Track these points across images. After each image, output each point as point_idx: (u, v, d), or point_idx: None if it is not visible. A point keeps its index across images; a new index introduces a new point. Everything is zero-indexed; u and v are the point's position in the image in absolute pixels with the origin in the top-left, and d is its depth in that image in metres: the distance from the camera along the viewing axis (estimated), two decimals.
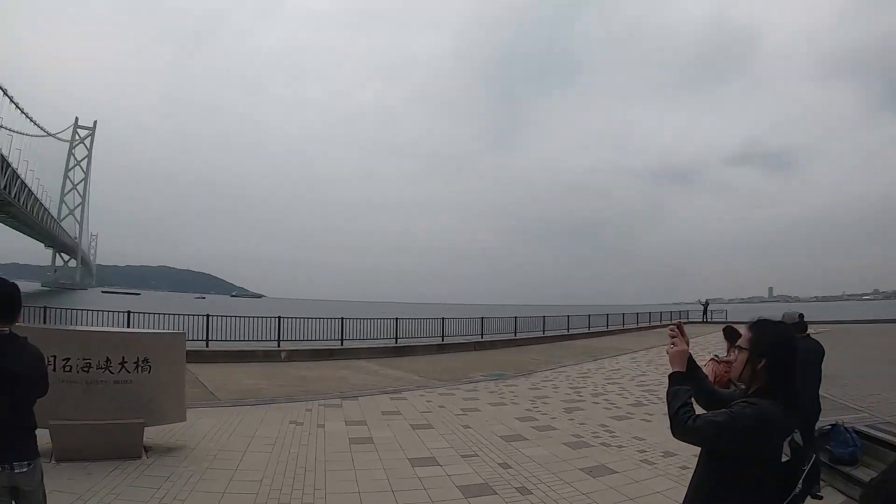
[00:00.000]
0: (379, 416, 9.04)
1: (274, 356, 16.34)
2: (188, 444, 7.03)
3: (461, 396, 10.96)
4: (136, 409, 6.53)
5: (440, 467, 6.48)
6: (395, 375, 14.21)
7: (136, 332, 6.80)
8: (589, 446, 7.52)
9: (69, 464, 5.99)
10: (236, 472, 6.07)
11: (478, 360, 18.34)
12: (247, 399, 10.27)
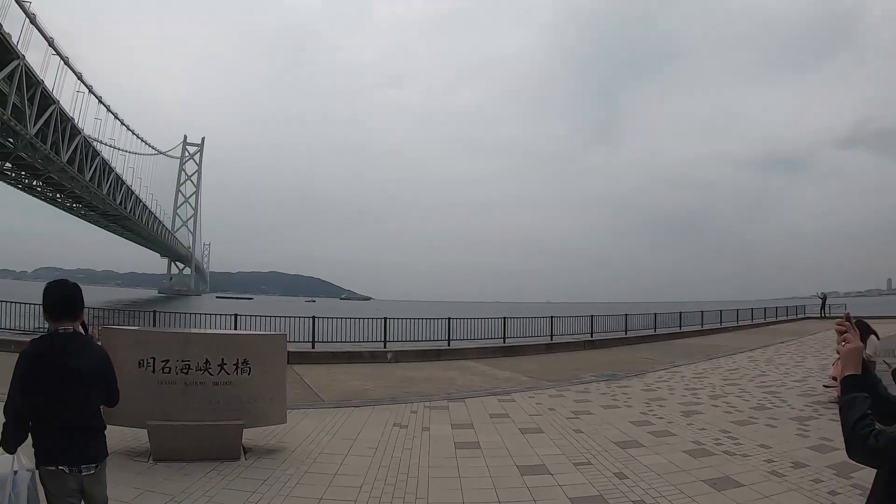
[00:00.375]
0: (486, 419, 8.72)
1: (380, 357, 16.48)
2: (288, 447, 7.03)
3: (572, 398, 10.50)
4: (236, 410, 6.60)
5: (551, 476, 6.05)
6: (504, 376, 13.91)
7: (236, 334, 6.88)
8: (711, 454, 6.85)
9: (166, 464, 6.11)
10: (335, 476, 5.96)
11: (587, 359, 17.84)
12: (351, 400, 10.29)
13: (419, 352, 17.29)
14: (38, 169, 53.46)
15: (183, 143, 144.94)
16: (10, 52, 40.30)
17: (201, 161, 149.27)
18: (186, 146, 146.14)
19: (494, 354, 18.11)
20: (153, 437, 6.34)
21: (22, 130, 43.87)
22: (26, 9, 42.87)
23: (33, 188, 61.05)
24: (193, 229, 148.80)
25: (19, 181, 58.27)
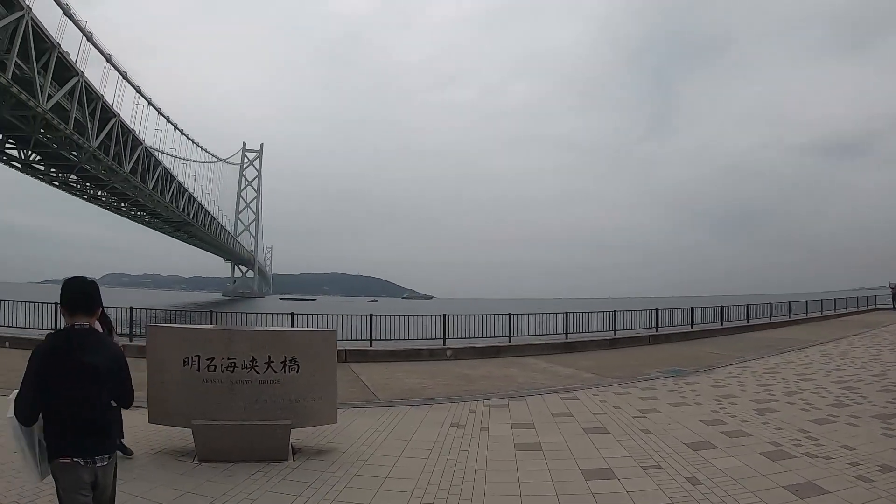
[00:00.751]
0: (548, 419, 8.35)
1: (439, 354, 16.25)
2: (339, 447, 6.83)
3: (637, 396, 10.05)
4: (283, 409, 6.43)
5: (617, 481, 5.60)
6: (566, 373, 13.54)
7: (284, 331, 6.73)
8: (790, 457, 6.26)
9: (211, 465, 6.01)
10: (386, 480, 5.69)
11: (652, 354, 17.37)
12: (407, 399, 10.12)
13: (478, 349, 17.06)
14: (102, 180, 55.84)
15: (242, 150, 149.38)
16: (69, 69, 42.12)
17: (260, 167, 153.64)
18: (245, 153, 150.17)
19: (556, 351, 17.75)
20: (198, 437, 6.26)
21: (85, 143, 45.80)
22: (82, 28, 44.75)
23: (98, 198, 63.78)
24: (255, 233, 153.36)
25: (85, 192, 61.07)
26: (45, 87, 38.57)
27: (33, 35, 35.92)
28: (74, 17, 42.94)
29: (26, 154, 48.24)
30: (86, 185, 59.01)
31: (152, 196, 63.45)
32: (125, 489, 5.19)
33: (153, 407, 6.48)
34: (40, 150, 47.67)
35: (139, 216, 74.95)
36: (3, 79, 33.94)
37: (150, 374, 6.51)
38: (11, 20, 33.93)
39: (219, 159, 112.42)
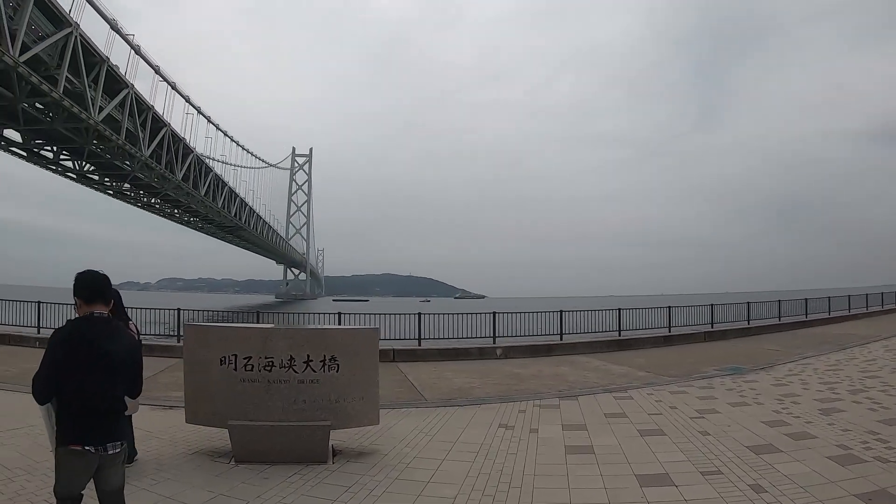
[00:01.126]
0: (601, 419, 8.02)
1: (489, 353, 16.07)
2: (381, 449, 6.68)
3: (695, 395, 9.63)
4: (323, 410, 6.31)
5: (675, 488, 5.23)
6: (619, 371, 13.25)
7: (324, 329, 6.61)
8: (860, 461, 5.80)
9: (248, 466, 5.94)
10: (428, 484, 5.48)
11: (708, 352, 16.87)
12: (455, 399, 9.97)
13: (529, 347, 16.82)
14: (154, 187, 57.57)
15: (292, 154, 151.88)
16: (118, 81, 43.47)
17: (310, 171, 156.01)
18: (295, 157, 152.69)
19: (608, 348, 17.44)
20: (234, 438, 6.20)
21: (137, 153, 47.21)
22: (130, 41, 46.17)
23: (152, 206, 65.83)
24: (307, 236, 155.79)
25: (138, 200, 63.13)
26: (96, 100, 39.87)
27: (82, 50, 37.14)
28: (122, 31, 44.29)
29: (81, 165, 50.15)
30: (139, 192, 60.97)
31: (204, 202, 65.00)
32: (156, 490, 5.20)
33: (190, 407, 6.47)
34: (94, 160, 49.47)
35: (192, 222, 76.95)
36: (56, 93, 35.19)
37: (187, 373, 6.51)
38: (60, 37, 35.20)
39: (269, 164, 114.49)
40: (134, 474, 5.59)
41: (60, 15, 35.19)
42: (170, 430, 7.38)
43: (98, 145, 44.57)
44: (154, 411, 8.51)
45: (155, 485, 5.37)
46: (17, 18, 31.27)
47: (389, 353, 14.68)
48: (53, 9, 34.44)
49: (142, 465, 5.95)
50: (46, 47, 34.22)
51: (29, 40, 32.45)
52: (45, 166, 49.47)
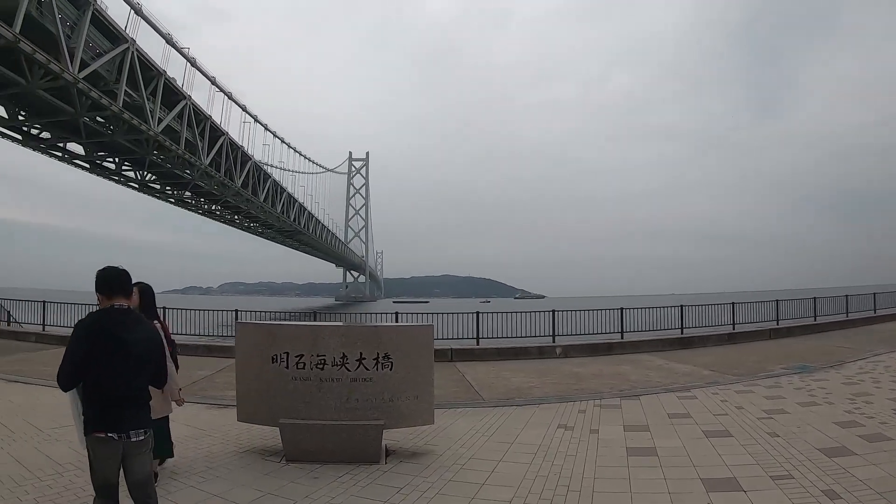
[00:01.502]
0: (664, 420, 7.73)
1: (548, 352, 15.85)
2: (436, 450, 6.59)
3: (761, 394, 9.21)
4: (376, 409, 6.27)
5: (743, 494, 4.94)
6: (682, 370, 12.87)
7: (377, 326, 6.56)
8: None
9: (298, 465, 5.95)
10: (483, 487, 5.35)
11: (774, 349, 16.24)
12: (513, 399, 9.86)
13: (589, 346, 16.54)
14: (215, 195, 59.35)
15: (348, 159, 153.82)
16: (176, 93, 45.22)
17: (367, 174, 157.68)
18: (352, 162, 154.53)
19: (671, 347, 17.01)
20: (285, 437, 6.23)
21: (196, 162, 48.88)
22: (186, 54, 47.85)
23: (212, 212, 67.89)
24: (365, 239, 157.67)
25: (199, 207, 65.26)
26: (154, 112, 41.46)
27: (139, 64, 38.80)
28: (177, 45, 45.96)
29: (142, 175, 52.29)
30: (200, 200, 63.03)
31: (263, 207, 66.65)
32: (204, 488, 5.25)
33: (241, 405, 6.55)
34: (155, 170, 51.44)
35: (252, 227, 78.97)
36: (115, 107, 36.76)
37: (239, 371, 6.58)
38: (117, 53, 36.81)
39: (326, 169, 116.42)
40: (183, 472, 5.71)
41: (116, 32, 36.82)
42: (222, 429, 7.50)
43: (158, 155, 46.29)
44: (209, 410, 8.72)
45: (203, 482, 5.44)
46: (75, 37, 32.84)
47: (447, 352, 14.70)
48: (109, 26, 36.09)
49: (192, 463, 6.04)
50: (104, 63, 35.81)
51: (87, 57, 34.04)
52: (108, 177, 51.77)
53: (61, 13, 31.20)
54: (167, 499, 4.97)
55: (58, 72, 31.43)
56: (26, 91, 32.86)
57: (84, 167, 49.01)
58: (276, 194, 70.50)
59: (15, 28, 27.89)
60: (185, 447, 6.58)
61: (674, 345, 17.18)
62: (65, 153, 45.86)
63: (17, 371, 11.53)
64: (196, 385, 11.17)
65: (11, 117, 38.42)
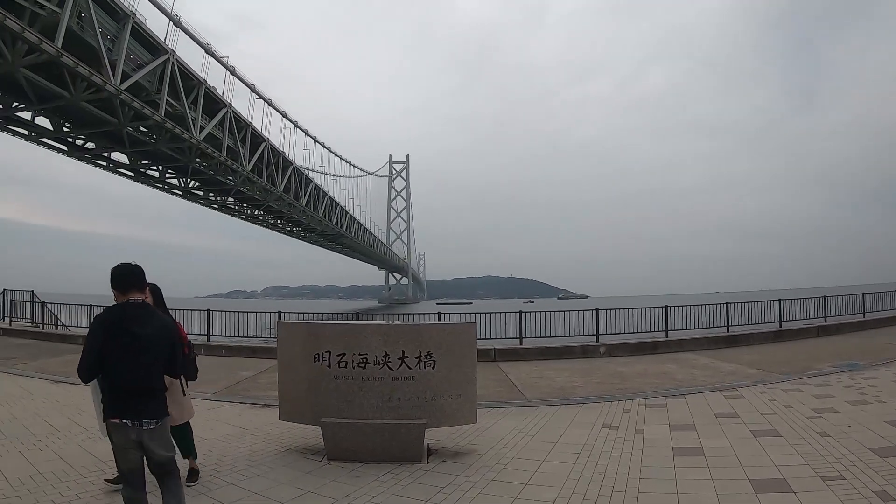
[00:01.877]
0: (711, 419, 7.58)
1: (592, 351, 15.71)
2: (478, 449, 6.57)
3: (810, 393, 8.95)
4: (418, 408, 6.28)
5: (793, 495, 4.78)
6: (728, 369, 12.63)
7: (419, 324, 6.60)
8: None
9: (340, 464, 6.00)
10: (526, 486, 5.30)
11: (822, 347, 15.80)
12: (557, 398, 9.79)
13: (633, 345, 16.34)
14: (257, 200, 60.51)
15: (389, 162, 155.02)
16: (216, 101, 46.35)
17: (408, 177, 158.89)
18: (393, 165, 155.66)
19: (716, 345, 16.71)
20: (327, 435, 6.27)
21: (238, 168, 49.93)
22: (225, 63, 49.02)
23: (255, 217, 69.20)
24: (407, 241, 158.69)
25: (242, 213, 66.62)
26: (196, 120, 42.52)
27: (180, 74, 39.94)
28: (216, 54, 47.07)
29: (185, 182, 53.67)
30: (243, 206, 64.33)
31: (306, 212, 67.61)
32: (245, 486, 5.34)
33: (283, 404, 6.65)
34: (198, 177, 52.71)
35: (295, 231, 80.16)
36: (157, 116, 37.87)
37: (281, 370, 6.70)
38: (157, 63, 37.95)
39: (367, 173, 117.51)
40: (226, 470, 5.83)
41: (156, 43, 37.90)
42: (265, 428, 7.63)
43: (201, 163, 47.40)
44: (251, 409, 8.89)
45: (244, 480, 5.53)
46: (116, 49, 33.93)
47: (490, 352, 14.70)
48: (149, 38, 37.19)
49: (234, 461, 6.15)
50: (145, 74, 36.91)
51: (128, 69, 35.13)
52: (152, 185, 53.29)
53: (101, 27, 32.19)
54: (209, 495, 5.10)
55: (100, 84, 32.48)
56: (70, 103, 34.07)
57: (129, 176, 50.53)
58: (318, 198, 71.41)
59: (57, 43, 28.89)
60: (227, 446, 6.76)
61: (719, 343, 16.91)
62: (109, 163, 47.42)
63: (64, 372, 11.97)
64: (239, 385, 11.42)
65: (56, 129, 39.98)
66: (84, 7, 30.78)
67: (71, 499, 4.97)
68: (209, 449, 6.59)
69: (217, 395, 10.27)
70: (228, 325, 18.54)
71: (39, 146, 42.08)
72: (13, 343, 18.01)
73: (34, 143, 41.48)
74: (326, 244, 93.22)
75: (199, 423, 7.90)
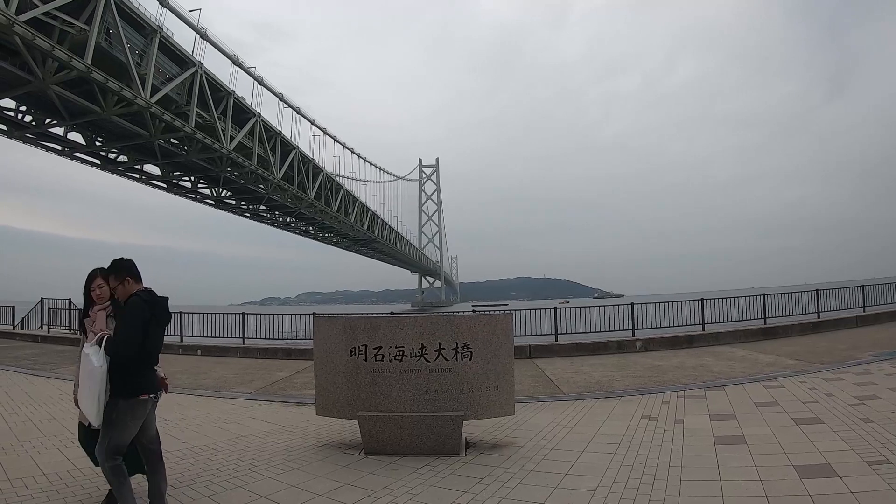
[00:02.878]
0: (751, 409, 7.46)
1: (627, 346, 15.54)
2: (516, 441, 6.54)
3: (851, 381, 8.79)
4: (455, 400, 6.29)
5: (839, 479, 4.67)
6: (766, 360, 12.41)
7: (455, 316, 6.56)
8: None
9: (377, 458, 6.02)
10: (565, 477, 5.24)
11: (861, 336, 15.47)
12: (594, 392, 9.73)
13: (669, 338, 16.14)
14: (289, 207, 61.24)
15: (419, 166, 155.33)
16: (245, 111, 47.23)
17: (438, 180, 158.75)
18: (422, 168, 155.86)
19: (753, 337, 16.48)
20: (364, 429, 6.29)
21: (269, 176, 50.68)
22: (252, 73, 50.03)
23: (287, 224, 70.13)
24: (439, 244, 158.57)
25: (274, 220, 67.58)
26: (226, 131, 43.29)
27: (208, 86, 40.75)
28: (243, 65, 47.92)
29: (218, 192, 54.79)
30: (275, 213, 65.24)
31: (337, 217, 68.26)
32: (282, 479, 5.40)
33: (320, 398, 6.67)
34: (229, 186, 53.76)
35: (327, 237, 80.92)
36: (188, 128, 38.71)
37: (317, 366, 6.72)
38: (186, 76, 38.79)
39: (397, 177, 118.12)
40: (263, 465, 5.88)
41: (184, 56, 38.79)
42: (301, 425, 7.69)
43: (232, 172, 48.18)
44: (286, 407, 8.99)
45: (282, 474, 5.58)
46: (144, 64, 34.75)
47: (525, 349, 14.70)
48: (177, 52, 38.07)
49: (271, 457, 6.20)
50: (174, 87, 37.79)
51: (157, 82, 36.06)
52: (185, 195, 54.37)
53: (129, 42, 33.03)
54: (246, 489, 5.16)
55: (130, 98, 33.30)
56: (101, 118, 35.01)
57: (161, 187, 51.56)
58: (349, 204, 72.05)
59: (86, 59, 29.67)
60: (264, 442, 6.82)
61: (756, 335, 16.66)
62: (142, 175, 48.48)
63: None
64: (275, 385, 11.54)
65: (89, 143, 41.15)
66: (112, 24, 31.60)
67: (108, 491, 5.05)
68: (246, 445, 6.67)
69: (253, 394, 10.41)
70: (263, 329, 18.73)
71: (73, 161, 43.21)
72: (52, 349, 18.48)
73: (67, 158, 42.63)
74: (359, 249, 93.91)
75: (235, 420, 8.01)
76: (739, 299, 19.01)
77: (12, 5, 25.86)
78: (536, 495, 4.77)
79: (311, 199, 58.96)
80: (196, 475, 5.54)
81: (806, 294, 19.89)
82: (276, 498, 4.91)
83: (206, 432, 7.35)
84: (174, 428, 7.56)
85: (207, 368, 13.86)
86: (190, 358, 16.09)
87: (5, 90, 32.15)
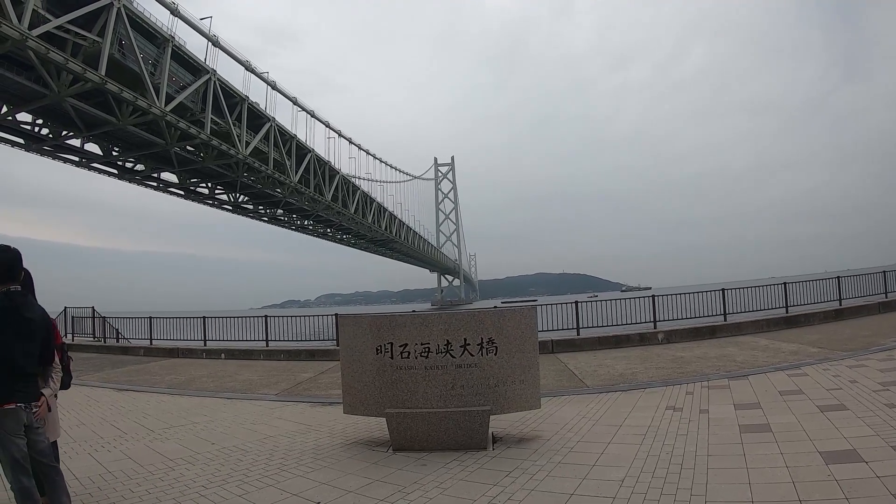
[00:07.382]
0: (775, 397, 7.47)
1: (650, 338, 15.55)
2: (543, 435, 6.60)
3: (875, 368, 8.72)
4: (481, 395, 6.36)
5: (865, 465, 4.68)
6: (789, 349, 12.37)
7: (479, 311, 6.61)
8: None
9: (405, 454, 6.09)
10: (593, 468, 5.30)
11: (884, 323, 15.42)
12: (617, 384, 9.78)
13: (691, 330, 16.12)
14: (306, 210, 61.72)
15: (434, 165, 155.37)
16: (260, 116, 47.67)
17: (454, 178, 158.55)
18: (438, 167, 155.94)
19: (776, 326, 16.46)
20: (392, 426, 6.37)
21: (286, 180, 51.15)
22: (265, 79, 50.51)
23: (305, 227, 70.67)
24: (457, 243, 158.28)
25: (292, 223, 68.09)
26: (241, 136, 43.72)
27: (222, 93, 41.10)
28: (256, 70, 48.33)
29: (235, 197, 55.33)
30: (292, 216, 65.79)
31: (354, 219, 68.68)
32: (312, 477, 5.49)
33: (347, 397, 6.75)
34: (246, 191, 54.23)
35: (345, 239, 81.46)
36: (203, 135, 39.11)
37: (344, 365, 6.80)
38: (199, 84, 39.21)
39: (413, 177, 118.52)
40: (292, 464, 5.99)
41: (197, 64, 39.25)
42: (329, 424, 7.81)
43: (249, 177, 48.65)
44: (313, 407, 9.08)
45: (312, 472, 5.68)
46: (158, 73, 35.19)
47: (548, 344, 14.75)
48: (190, 60, 38.49)
49: (300, 455, 6.31)
50: (189, 95, 38.24)
51: (172, 91, 36.48)
52: (202, 201, 54.95)
53: (142, 52, 33.46)
54: (276, 487, 5.26)
55: (145, 107, 33.76)
56: (117, 128, 35.53)
57: (179, 194, 52.19)
58: (366, 205, 72.39)
59: (100, 71, 30.07)
60: (292, 441, 6.94)
61: (778, 324, 16.63)
62: (159, 182, 49.02)
63: (128, 381, 12.63)
64: (300, 386, 11.69)
65: (106, 153, 41.77)
66: (124, 35, 32.03)
67: (141, 494, 5.20)
68: (275, 445, 6.79)
69: (279, 395, 10.57)
70: (286, 331, 18.93)
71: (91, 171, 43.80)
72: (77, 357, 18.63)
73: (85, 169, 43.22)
74: (377, 250, 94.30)
75: (263, 421, 8.14)
76: (761, 288, 18.95)
77: (25, 20, 26.33)
78: (565, 487, 4.82)
79: (328, 201, 59.37)
80: (227, 476, 5.66)
81: (827, 282, 19.76)
82: (308, 496, 5.00)
83: (235, 433, 7.49)
84: (203, 430, 7.72)
85: (233, 371, 14.08)
86: (214, 362, 16.42)
87: (22, 104, 32.80)
